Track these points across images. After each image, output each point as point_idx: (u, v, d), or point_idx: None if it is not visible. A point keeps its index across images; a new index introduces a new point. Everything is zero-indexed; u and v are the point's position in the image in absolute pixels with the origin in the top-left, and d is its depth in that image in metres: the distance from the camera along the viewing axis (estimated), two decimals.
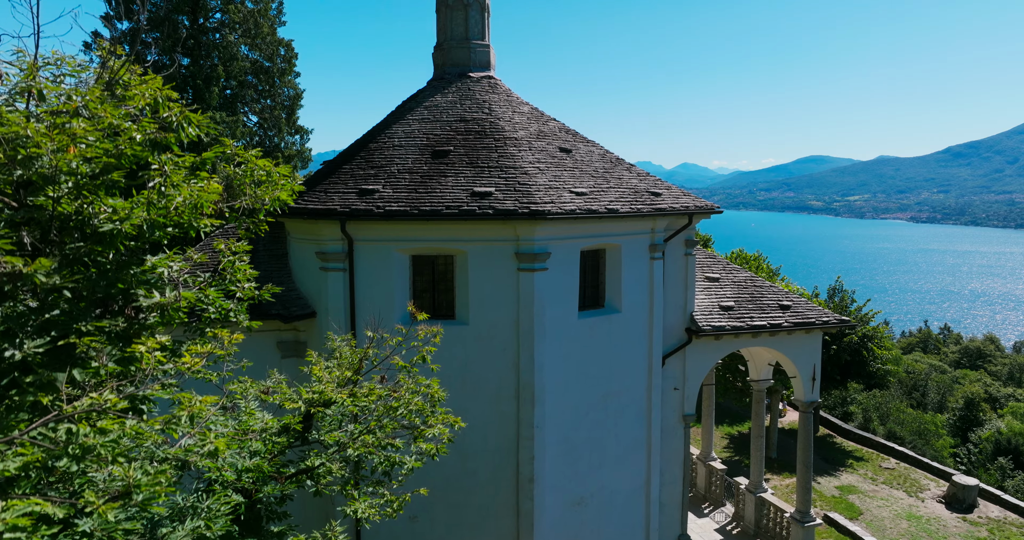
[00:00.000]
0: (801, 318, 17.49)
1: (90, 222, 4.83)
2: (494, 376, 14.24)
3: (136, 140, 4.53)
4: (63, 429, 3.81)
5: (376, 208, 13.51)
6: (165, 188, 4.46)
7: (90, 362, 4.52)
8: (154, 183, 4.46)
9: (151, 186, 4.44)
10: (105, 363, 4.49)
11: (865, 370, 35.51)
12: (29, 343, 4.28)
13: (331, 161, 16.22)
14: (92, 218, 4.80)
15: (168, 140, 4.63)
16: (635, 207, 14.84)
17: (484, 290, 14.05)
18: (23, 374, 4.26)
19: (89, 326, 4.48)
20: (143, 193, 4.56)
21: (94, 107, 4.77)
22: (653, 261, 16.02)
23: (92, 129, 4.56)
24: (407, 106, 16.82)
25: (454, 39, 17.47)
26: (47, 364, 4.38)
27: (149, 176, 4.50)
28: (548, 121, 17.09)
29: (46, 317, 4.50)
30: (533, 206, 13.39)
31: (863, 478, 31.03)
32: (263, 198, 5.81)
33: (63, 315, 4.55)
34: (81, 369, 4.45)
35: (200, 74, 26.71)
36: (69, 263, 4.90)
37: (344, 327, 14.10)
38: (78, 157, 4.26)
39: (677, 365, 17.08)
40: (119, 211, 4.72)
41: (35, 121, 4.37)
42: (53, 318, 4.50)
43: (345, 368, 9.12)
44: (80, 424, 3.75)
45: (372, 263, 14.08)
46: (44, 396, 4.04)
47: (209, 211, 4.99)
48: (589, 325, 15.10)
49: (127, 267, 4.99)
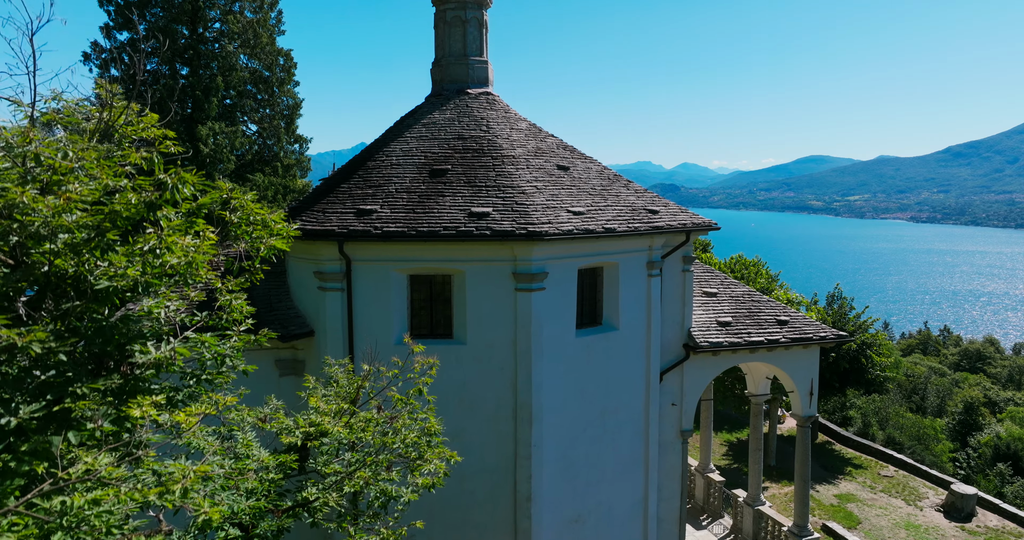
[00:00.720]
0: (799, 333, 17.52)
1: (86, 279, 4.86)
2: (492, 395, 14.27)
3: (132, 202, 4.56)
4: (57, 500, 3.84)
5: (374, 229, 13.54)
6: (160, 250, 4.49)
7: (85, 423, 4.55)
8: (149, 245, 4.49)
9: (146, 249, 4.48)
10: (100, 425, 4.53)
11: (864, 378, 35.55)
12: (25, 408, 4.31)
13: (329, 178, 16.26)
14: (87, 275, 4.83)
15: (163, 201, 4.66)
16: (632, 226, 14.87)
17: (482, 309, 14.09)
18: (18, 439, 4.29)
19: (84, 388, 4.51)
20: (137, 250, 4.59)
21: (90, 167, 4.80)
22: (651, 278, 16.05)
23: (88, 191, 4.59)
24: (405, 123, 16.85)
25: (452, 55, 17.49)
26: (42, 428, 4.41)
27: (144, 239, 4.53)
28: (546, 138, 17.12)
29: (41, 378, 4.53)
30: (530, 227, 13.43)
31: (862, 486, 31.06)
32: (258, 246, 5.83)
33: (59, 376, 4.58)
34: (76, 431, 4.49)
35: (200, 84, 26.74)
36: (64, 316, 4.93)
37: (342, 347, 14.13)
38: (73, 224, 4.29)
39: (675, 381, 17.11)
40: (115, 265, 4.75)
41: (31, 186, 4.40)
42: (48, 380, 4.54)
43: (342, 399, 9.17)
44: (74, 497, 3.78)
45: (370, 283, 14.11)
46: (39, 464, 4.08)
47: (204, 268, 5.03)
48: (587, 343, 15.13)
49: (123, 322, 5.02)
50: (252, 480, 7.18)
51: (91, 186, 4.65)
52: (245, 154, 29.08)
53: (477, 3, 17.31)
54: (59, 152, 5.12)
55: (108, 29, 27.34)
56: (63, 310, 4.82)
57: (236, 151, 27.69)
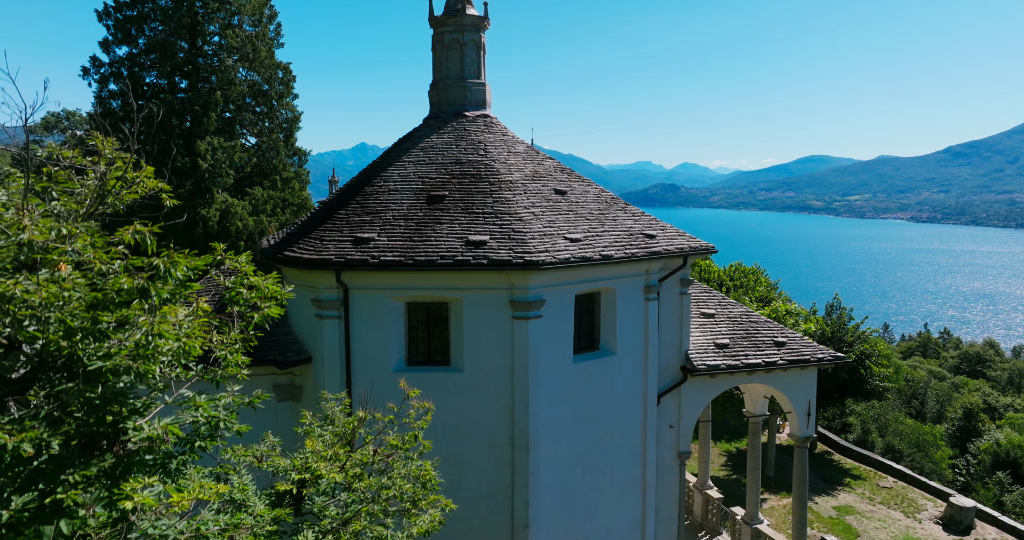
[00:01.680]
0: (796, 355, 17.54)
1: (79, 360, 4.88)
2: (488, 422, 14.29)
3: (124, 288, 4.58)
4: None
5: (371, 258, 13.57)
6: (152, 339, 4.52)
7: (78, 511, 4.56)
8: (142, 332, 4.51)
9: (137, 338, 4.50)
10: (93, 512, 4.54)
11: (863, 388, 35.56)
12: (16, 499, 4.33)
13: (328, 202, 16.27)
14: (80, 355, 4.85)
15: (156, 288, 4.68)
16: (629, 252, 14.89)
17: (479, 337, 14.11)
18: (10, 532, 4.31)
19: (77, 476, 4.53)
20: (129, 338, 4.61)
21: (84, 250, 4.82)
22: (648, 302, 16.07)
23: (80, 277, 4.61)
24: (402, 146, 16.87)
25: (450, 78, 17.51)
26: (34, 519, 4.42)
27: (137, 325, 4.55)
28: (543, 160, 17.14)
29: (33, 465, 4.55)
30: (527, 256, 13.45)
31: (861, 498, 31.08)
32: (252, 315, 5.85)
33: (50, 462, 4.59)
34: (68, 520, 4.50)
35: (198, 99, 26.76)
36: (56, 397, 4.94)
37: (340, 374, 14.17)
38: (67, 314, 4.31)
39: (672, 403, 17.14)
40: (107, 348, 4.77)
41: (23, 276, 4.42)
42: (40, 466, 4.55)
43: (338, 439, 9.20)
44: None
45: (367, 310, 14.13)
46: None
47: (197, 353, 5.05)
48: (584, 368, 15.16)
49: (115, 397, 5.04)
50: (247, 536, 7.20)
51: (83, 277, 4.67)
52: (244, 167, 29.10)
53: (475, 26, 17.33)
54: (52, 230, 5.14)
55: (107, 44, 27.34)
56: (56, 392, 4.83)
57: (235, 165, 27.70)
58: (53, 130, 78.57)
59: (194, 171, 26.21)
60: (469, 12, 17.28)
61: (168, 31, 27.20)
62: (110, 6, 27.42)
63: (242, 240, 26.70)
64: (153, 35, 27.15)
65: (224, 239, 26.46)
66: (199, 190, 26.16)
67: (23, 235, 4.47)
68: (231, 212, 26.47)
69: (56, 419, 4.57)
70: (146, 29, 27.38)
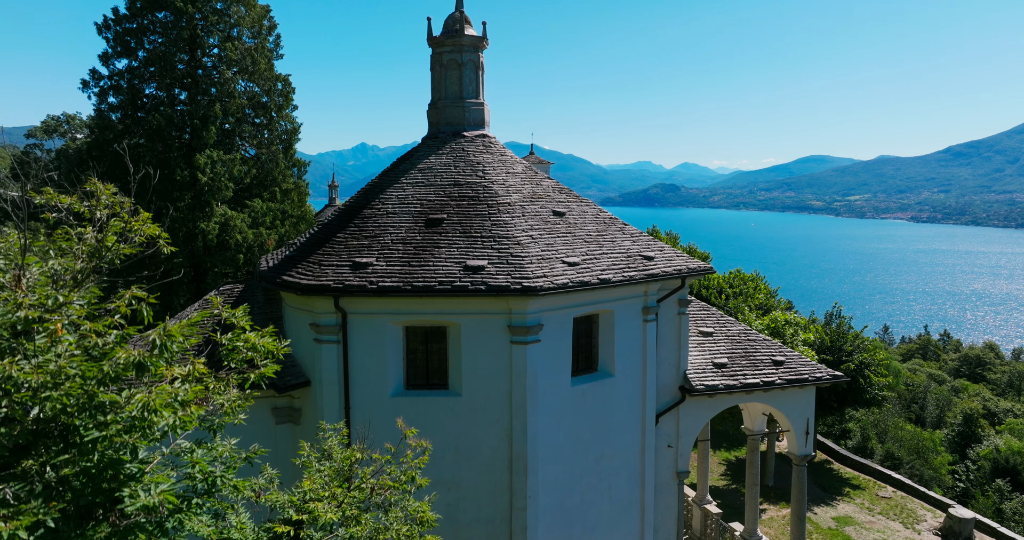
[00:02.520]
0: (794, 375, 17.57)
1: (75, 431, 4.91)
2: (487, 446, 14.32)
3: (120, 363, 4.61)
4: None
5: (369, 283, 13.59)
6: (148, 415, 4.55)
7: None
8: (138, 409, 4.54)
9: (133, 415, 4.53)
10: None
11: (862, 397, 35.58)
12: None
13: (326, 224, 16.29)
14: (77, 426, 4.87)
15: (151, 360, 4.71)
16: (627, 275, 14.92)
17: (477, 361, 14.14)
18: None
19: None
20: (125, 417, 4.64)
21: (80, 321, 4.84)
22: (646, 323, 16.10)
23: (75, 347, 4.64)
24: (401, 167, 16.89)
25: (448, 98, 17.54)
26: None
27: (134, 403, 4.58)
28: (542, 181, 17.16)
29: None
30: (525, 281, 13.47)
31: (860, 508, 31.10)
32: (249, 374, 5.89)
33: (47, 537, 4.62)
34: None
35: (198, 112, 26.78)
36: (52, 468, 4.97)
37: (338, 399, 14.20)
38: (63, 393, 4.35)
39: (671, 423, 17.16)
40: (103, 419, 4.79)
41: (19, 357, 4.45)
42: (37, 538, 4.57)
43: (336, 474, 9.22)
44: None
45: (366, 334, 14.16)
46: None
47: (194, 425, 5.08)
48: (582, 391, 15.19)
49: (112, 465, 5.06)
50: None
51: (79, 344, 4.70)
52: (243, 178, 29.11)
53: (473, 46, 17.36)
54: (49, 298, 5.17)
55: (107, 56, 27.36)
56: (53, 463, 4.86)
57: (234, 178, 27.71)
58: (53, 134, 78.52)
59: (193, 184, 26.23)
60: (468, 33, 17.31)
61: (168, 44, 27.20)
62: (110, 19, 27.44)
63: (241, 253, 26.72)
64: (153, 48, 27.14)
65: (223, 252, 26.49)
66: (198, 203, 26.18)
67: (19, 313, 4.50)
68: (230, 225, 26.49)
69: (52, 491, 4.60)
70: (146, 42, 27.38)
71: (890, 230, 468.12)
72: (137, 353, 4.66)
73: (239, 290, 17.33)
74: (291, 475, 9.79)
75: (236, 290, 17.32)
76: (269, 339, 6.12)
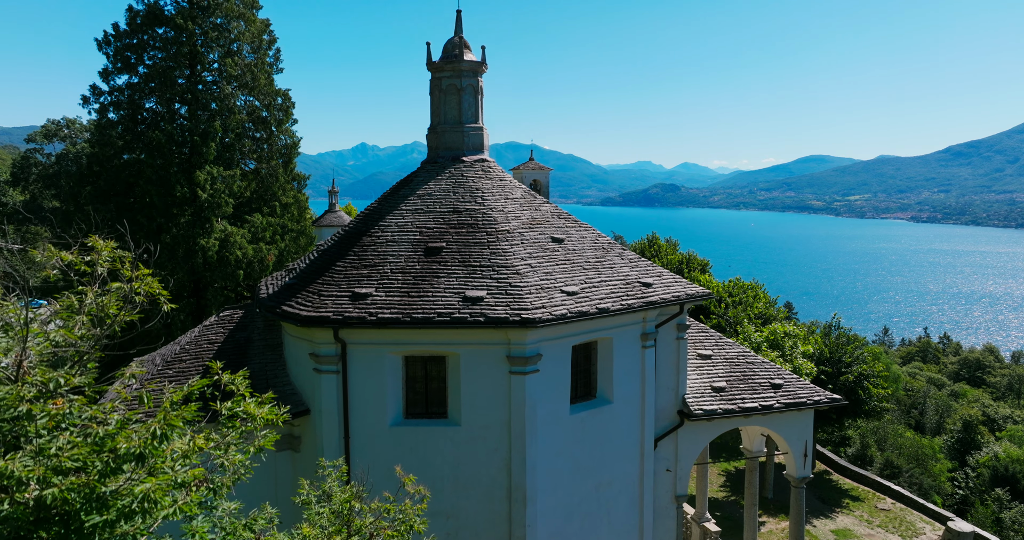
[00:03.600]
0: (793, 398, 17.62)
1: (76, 517, 4.95)
2: (486, 476, 14.37)
3: (119, 452, 4.67)
4: None
5: (369, 315, 13.64)
6: (148, 505, 4.60)
7: None
8: (137, 501, 4.59)
9: (134, 506, 4.58)
10: None
11: (861, 409, 35.64)
12: None
13: (325, 250, 16.33)
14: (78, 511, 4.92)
15: (152, 450, 4.76)
16: (626, 303, 14.97)
17: (476, 391, 14.19)
18: None
19: None
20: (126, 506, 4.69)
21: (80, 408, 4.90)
22: (645, 349, 16.15)
23: (79, 444, 4.69)
24: (401, 193, 16.94)
25: (447, 123, 17.59)
26: None
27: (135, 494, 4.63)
28: (541, 206, 17.21)
29: None
30: (524, 313, 13.52)
31: (859, 520, 31.15)
32: (248, 448, 5.94)
33: None
34: None
35: (197, 128, 26.82)
36: None
37: (338, 428, 14.25)
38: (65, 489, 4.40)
39: (669, 447, 17.21)
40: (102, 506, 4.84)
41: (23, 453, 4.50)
42: None
43: (333, 529, 9.27)
44: None
45: (365, 364, 14.22)
46: None
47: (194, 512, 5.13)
48: (581, 419, 15.24)
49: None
50: None
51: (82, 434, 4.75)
52: (243, 192, 29.16)
53: (472, 71, 17.41)
54: (51, 382, 5.21)
55: (107, 73, 27.40)
56: None
57: (234, 194, 27.77)
58: (53, 138, 78.45)
59: (193, 201, 26.28)
60: (467, 58, 17.36)
61: (168, 59, 27.25)
62: (110, 35, 27.49)
63: (241, 269, 26.77)
64: (153, 63, 27.19)
65: (223, 268, 26.53)
66: (198, 220, 26.23)
67: (21, 407, 4.56)
68: (230, 241, 26.54)
69: None
70: (146, 57, 27.44)
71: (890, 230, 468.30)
72: (138, 442, 4.72)
73: (239, 316, 17.38)
74: (290, 505, 9.85)
75: (236, 316, 17.37)
76: (268, 408, 6.16)
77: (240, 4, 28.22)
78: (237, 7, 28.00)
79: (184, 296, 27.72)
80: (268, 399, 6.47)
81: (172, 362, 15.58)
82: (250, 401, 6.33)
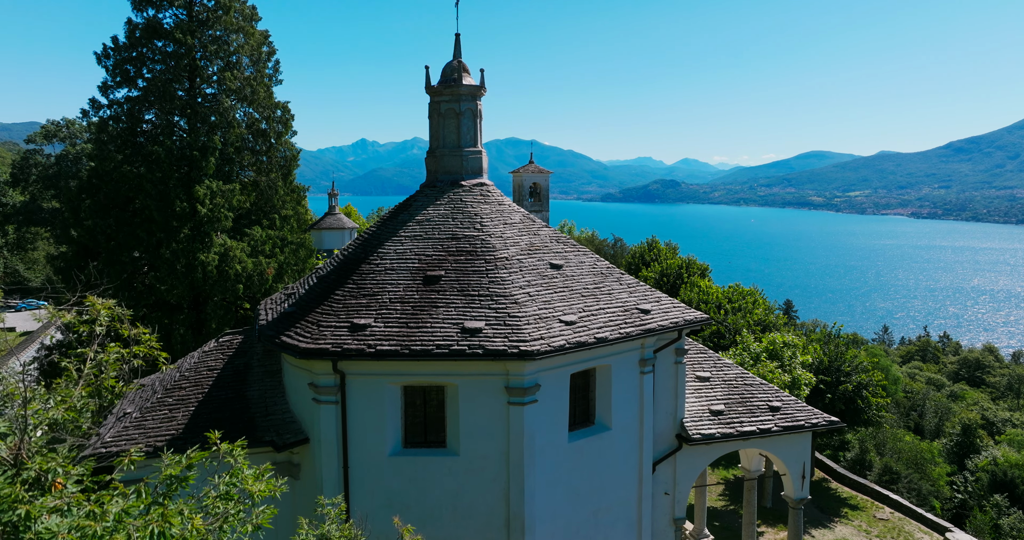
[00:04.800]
0: (791, 421, 17.67)
1: None
2: (484, 505, 14.43)
3: None
4: None
5: (367, 347, 13.68)
6: None
7: None
8: None
9: None
10: None
11: (860, 418, 35.72)
12: None
13: (324, 276, 16.36)
14: None
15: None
16: (624, 332, 14.99)
17: (474, 421, 14.23)
18: None
19: None
20: None
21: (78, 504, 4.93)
22: (643, 375, 16.19)
23: None
24: (400, 218, 16.95)
25: (446, 146, 17.59)
26: None
27: None
28: (539, 230, 17.23)
29: None
30: (522, 345, 13.55)
31: (857, 530, 31.22)
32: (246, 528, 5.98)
33: None
34: None
35: (197, 142, 26.81)
36: None
37: (337, 458, 14.30)
38: None
39: (667, 470, 17.27)
40: None
41: None
42: None
43: None
44: None
45: (364, 395, 14.26)
46: None
47: None
48: (579, 446, 15.29)
49: None
50: None
51: None
52: (243, 205, 29.17)
53: (471, 95, 17.41)
54: (50, 472, 5.25)
55: (106, 86, 27.38)
56: None
57: (233, 208, 27.77)
58: (53, 138, 78.23)
59: (193, 215, 26.29)
60: (466, 82, 17.36)
61: (167, 72, 27.22)
62: (109, 48, 27.46)
63: (241, 283, 26.80)
64: (152, 77, 27.17)
65: (223, 282, 26.55)
66: (198, 234, 26.25)
67: (19, 510, 4.60)
68: (230, 255, 26.55)
69: None
70: (145, 71, 27.41)
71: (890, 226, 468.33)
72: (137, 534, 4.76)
73: (238, 341, 17.41)
74: (288, 530, 9.94)
75: (235, 341, 17.40)
76: (265, 484, 6.20)
77: (239, 17, 28.19)
78: (236, 20, 27.97)
79: (184, 309, 27.77)
80: (267, 471, 6.51)
81: (172, 390, 15.62)
82: (248, 473, 6.38)
